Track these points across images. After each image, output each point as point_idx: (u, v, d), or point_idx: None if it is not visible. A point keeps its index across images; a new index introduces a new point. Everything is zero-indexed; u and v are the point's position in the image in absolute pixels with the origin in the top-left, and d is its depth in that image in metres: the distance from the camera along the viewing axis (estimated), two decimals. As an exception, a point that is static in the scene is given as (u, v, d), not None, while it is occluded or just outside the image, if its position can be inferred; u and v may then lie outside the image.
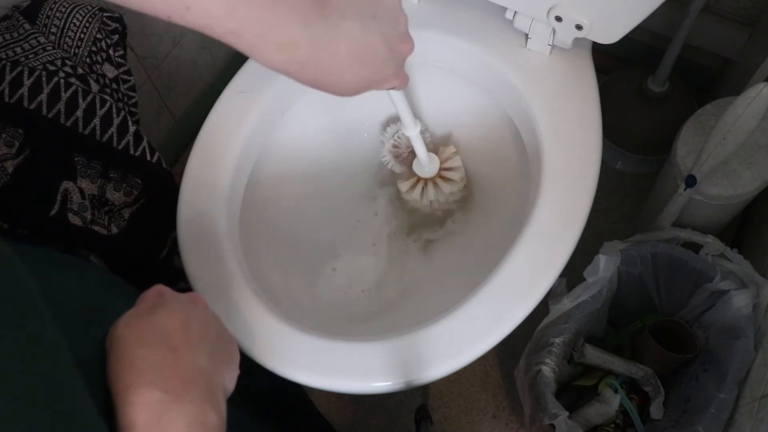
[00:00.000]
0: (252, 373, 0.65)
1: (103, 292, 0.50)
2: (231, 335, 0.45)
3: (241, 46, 0.40)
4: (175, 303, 0.40)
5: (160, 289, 0.42)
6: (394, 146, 0.86)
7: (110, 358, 0.37)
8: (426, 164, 0.76)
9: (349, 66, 0.45)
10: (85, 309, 0.45)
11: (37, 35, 0.69)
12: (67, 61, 0.69)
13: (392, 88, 0.55)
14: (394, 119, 0.98)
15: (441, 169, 0.79)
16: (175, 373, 0.37)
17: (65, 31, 0.71)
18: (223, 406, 0.39)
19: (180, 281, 0.78)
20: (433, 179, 0.79)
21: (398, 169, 0.89)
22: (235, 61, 1.27)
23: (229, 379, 0.42)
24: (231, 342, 0.45)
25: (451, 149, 0.82)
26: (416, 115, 0.97)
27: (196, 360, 0.38)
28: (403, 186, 0.87)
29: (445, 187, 0.78)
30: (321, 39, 0.42)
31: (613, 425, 0.88)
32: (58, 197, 0.65)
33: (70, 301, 0.43)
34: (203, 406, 0.37)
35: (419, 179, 0.79)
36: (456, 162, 0.82)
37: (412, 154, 0.75)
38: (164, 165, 0.78)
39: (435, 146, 0.87)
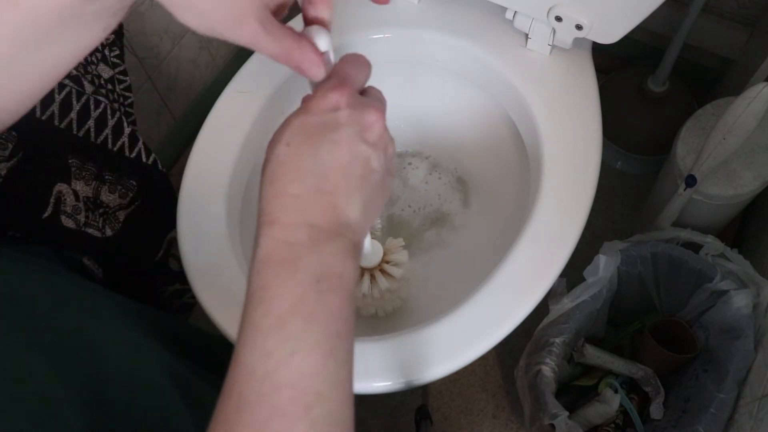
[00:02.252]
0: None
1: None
2: (389, 182, 0.40)
3: None
4: (346, 132, 0.36)
5: (338, 99, 0.36)
6: None
7: (264, 177, 0.36)
8: (367, 252, 0.65)
9: None
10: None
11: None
12: (64, 61, 0.68)
13: None
14: (393, 120, 0.97)
15: (383, 261, 0.69)
16: (325, 219, 0.35)
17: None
18: (360, 257, 0.38)
19: (175, 283, 0.78)
20: (371, 270, 0.69)
21: None
22: (235, 61, 1.27)
23: (371, 225, 0.40)
24: (387, 191, 0.40)
25: (400, 242, 0.72)
26: (417, 114, 0.98)
27: (349, 210, 0.36)
28: None
29: (383, 283, 0.69)
30: None
31: (613, 425, 0.88)
32: (51, 200, 0.64)
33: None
34: (344, 259, 0.35)
35: None
36: (402, 256, 0.72)
37: None
38: (160, 166, 0.77)
39: (382, 235, 0.75)
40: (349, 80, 0.38)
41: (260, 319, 0.34)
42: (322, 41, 0.39)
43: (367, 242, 0.58)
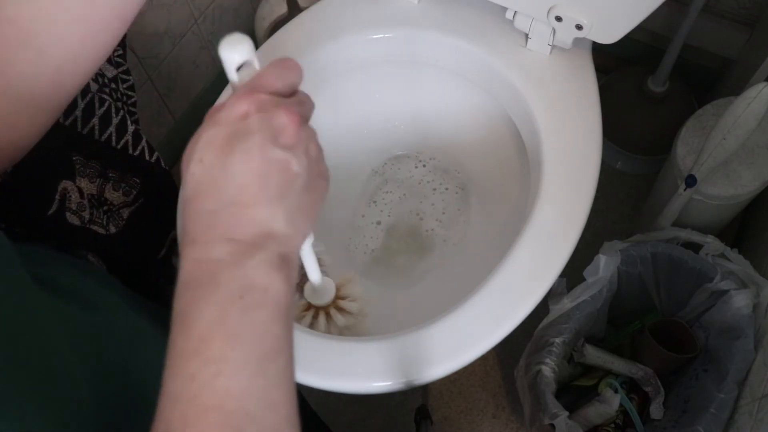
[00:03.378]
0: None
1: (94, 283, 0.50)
2: (320, 184, 0.38)
3: None
4: (257, 139, 0.33)
5: (247, 106, 0.34)
6: None
7: (182, 198, 0.34)
8: (318, 289, 0.61)
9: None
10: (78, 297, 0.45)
11: (36, 35, 0.68)
12: (66, 60, 0.68)
13: None
14: (392, 120, 0.98)
15: (337, 297, 0.64)
16: (245, 232, 0.33)
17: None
18: (295, 274, 0.36)
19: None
20: (326, 308, 0.65)
21: None
22: (234, 61, 1.27)
23: (304, 235, 0.37)
24: (318, 194, 0.38)
25: (350, 275, 0.67)
26: (416, 115, 0.98)
27: (272, 220, 0.34)
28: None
29: (339, 320, 0.65)
30: None
31: (613, 425, 0.88)
32: (57, 196, 0.65)
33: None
34: (269, 272, 0.33)
35: (310, 306, 0.64)
36: (354, 289, 0.67)
37: (304, 277, 0.61)
38: (163, 165, 0.77)
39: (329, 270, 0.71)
40: (261, 86, 0.36)
41: (182, 343, 0.32)
42: (237, 53, 0.36)
43: (317, 278, 0.56)
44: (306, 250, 0.52)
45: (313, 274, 0.56)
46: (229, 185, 0.33)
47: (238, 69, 0.36)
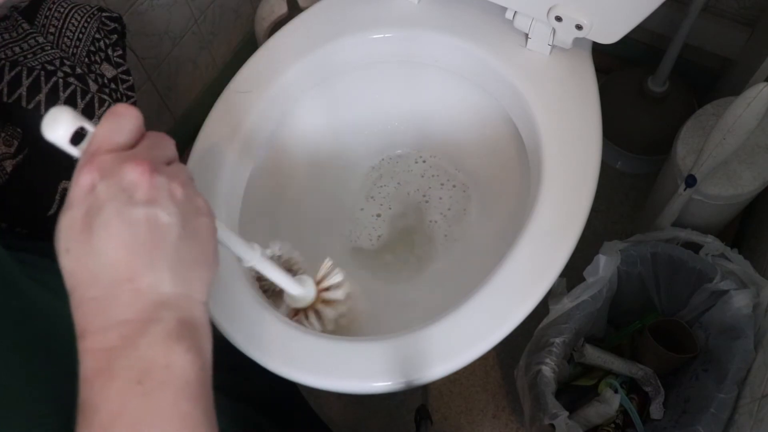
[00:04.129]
0: (250, 373, 0.65)
1: None
2: (202, 224, 0.34)
3: None
4: (111, 209, 0.31)
5: (89, 177, 0.31)
6: (258, 279, 0.64)
7: (68, 291, 0.32)
8: (298, 292, 0.56)
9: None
10: None
11: (35, 35, 0.69)
12: (65, 60, 0.68)
13: None
14: (392, 121, 0.98)
15: (321, 291, 0.60)
16: (133, 309, 0.31)
17: (64, 30, 0.71)
18: (204, 332, 0.33)
19: None
20: (312, 307, 0.60)
21: (276, 304, 0.65)
22: (235, 61, 1.27)
23: (206, 285, 0.34)
24: (204, 236, 0.34)
25: (327, 263, 0.63)
26: (416, 115, 0.98)
27: (157, 284, 0.31)
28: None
29: (329, 312, 0.61)
30: None
31: (613, 425, 0.88)
32: (57, 197, 0.65)
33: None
34: (168, 346, 0.31)
35: (297, 311, 0.60)
36: (336, 277, 0.63)
37: (280, 288, 0.55)
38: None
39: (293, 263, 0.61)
40: (99, 148, 0.32)
41: None
42: (59, 128, 0.33)
43: (287, 283, 0.52)
44: (265, 265, 0.49)
45: (285, 284, 0.52)
46: (101, 267, 0.31)
47: (76, 142, 0.33)
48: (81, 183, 0.31)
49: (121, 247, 0.31)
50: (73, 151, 0.33)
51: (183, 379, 0.31)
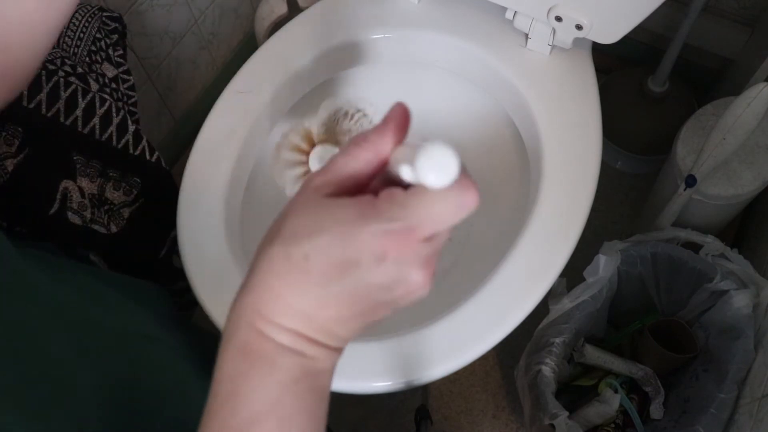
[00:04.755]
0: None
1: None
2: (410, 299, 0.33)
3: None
4: (373, 290, 0.30)
5: (391, 251, 0.29)
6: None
7: (267, 265, 0.31)
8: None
9: None
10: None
11: (36, 35, 0.69)
12: (66, 60, 0.68)
13: None
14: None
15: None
16: (313, 334, 0.31)
17: (65, 30, 0.71)
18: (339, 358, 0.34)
19: (179, 280, 0.78)
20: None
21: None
22: (235, 61, 1.27)
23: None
24: (399, 306, 0.33)
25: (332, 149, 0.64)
26: (416, 115, 0.97)
27: (345, 335, 0.32)
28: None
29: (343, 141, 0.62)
30: None
31: (613, 425, 0.88)
32: (58, 196, 0.65)
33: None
34: (325, 359, 0.32)
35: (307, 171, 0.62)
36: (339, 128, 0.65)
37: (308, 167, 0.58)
38: (164, 164, 0.78)
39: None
40: (423, 226, 0.29)
41: (228, 416, 0.31)
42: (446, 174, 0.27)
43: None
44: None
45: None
46: (322, 296, 0.30)
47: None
48: (377, 244, 0.29)
49: (347, 310, 0.31)
50: (408, 176, 0.29)
51: (326, 386, 0.33)
